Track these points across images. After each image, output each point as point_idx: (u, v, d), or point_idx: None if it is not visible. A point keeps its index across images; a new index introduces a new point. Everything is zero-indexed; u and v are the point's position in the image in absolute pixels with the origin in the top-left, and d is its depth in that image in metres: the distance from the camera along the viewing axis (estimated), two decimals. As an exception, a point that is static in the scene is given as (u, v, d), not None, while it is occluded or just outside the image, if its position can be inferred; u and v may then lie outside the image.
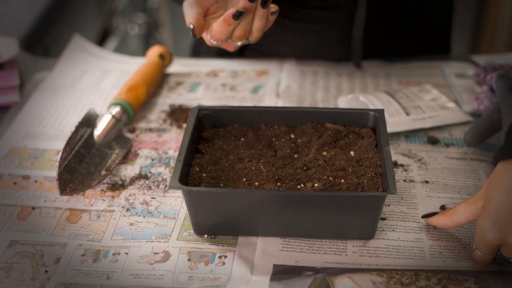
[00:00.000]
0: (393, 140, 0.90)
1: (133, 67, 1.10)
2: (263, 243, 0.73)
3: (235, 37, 0.81)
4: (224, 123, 0.83)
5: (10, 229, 0.76)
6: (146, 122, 0.97)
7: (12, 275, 0.69)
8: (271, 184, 0.72)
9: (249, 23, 0.80)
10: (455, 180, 0.83)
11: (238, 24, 0.80)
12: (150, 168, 0.86)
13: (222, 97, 1.03)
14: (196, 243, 0.73)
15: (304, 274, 0.69)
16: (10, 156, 0.89)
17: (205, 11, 0.82)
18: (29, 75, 1.10)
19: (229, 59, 1.14)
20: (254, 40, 0.83)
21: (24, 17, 1.36)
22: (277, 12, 0.82)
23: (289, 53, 1.12)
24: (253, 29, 0.81)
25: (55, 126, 0.96)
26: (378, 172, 0.73)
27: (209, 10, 0.83)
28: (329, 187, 0.72)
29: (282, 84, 1.05)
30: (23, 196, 0.82)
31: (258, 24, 0.81)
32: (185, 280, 0.69)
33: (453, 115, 0.94)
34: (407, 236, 0.74)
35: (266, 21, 0.82)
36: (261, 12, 0.80)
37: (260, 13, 0.80)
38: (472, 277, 0.67)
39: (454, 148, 0.89)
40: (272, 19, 0.83)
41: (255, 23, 0.81)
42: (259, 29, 0.82)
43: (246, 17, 0.79)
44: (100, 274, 0.70)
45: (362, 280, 0.67)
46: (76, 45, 1.17)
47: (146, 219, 0.77)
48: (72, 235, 0.75)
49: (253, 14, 0.80)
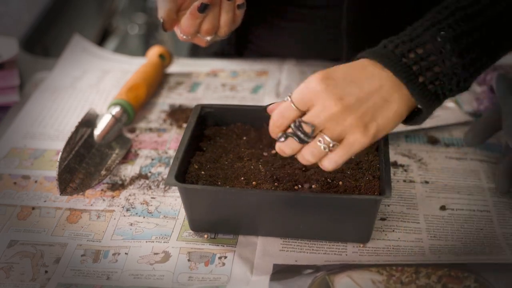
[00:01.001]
0: (393, 140, 0.90)
1: (133, 67, 1.10)
2: (263, 243, 0.73)
3: (203, 31, 0.82)
4: (227, 122, 0.84)
5: (10, 229, 0.76)
6: (146, 122, 0.97)
7: (12, 275, 0.69)
8: (268, 184, 0.72)
9: (216, 17, 0.81)
10: (455, 180, 0.83)
11: (205, 18, 0.80)
12: (150, 168, 0.86)
13: (222, 97, 1.03)
14: (196, 244, 0.73)
15: (304, 272, 0.68)
16: (10, 156, 0.89)
17: (178, 6, 0.83)
18: (29, 75, 1.10)
19: (229, 59, 1.14)
20: (223, 35, 0.83)
21: (24, 17, 1.36)
22: (243, 5, 0.82)
23: (288, 53, 1.12)
24: (221, 23, 0.82)
25: (55, 126, 0.96)
26: (376, 175, 0.73)
27: (182, 6, 0.84)
28: (327, 189, 0.72)
29: (282, 84, 1.05)
30: (23, 196, 0.82)
31: (225, 18, 0.81)
32: (185, 280, 0.69)
33: (453, 115, 0.94)
34: (407, 237, 0.74)
35: (233, 15, 0.82)
36: (227, 5, 0.81)
37: (226, 6, 0.81)
38: (472, 274, 0.67)
39: (454, 148, 0.89)
40: (240, 13, 0.83)
41: (222, 17, 0.81)
42: (227, 23, 0.82)
43: (212, 10, 0.80)
44: (100, 275, 0.70)
45: (361, 279, 0.67)
46: (76, 45, 1.17)
47: (146, 219, 0.77)
48: (72, 235, 0.75)
49: (220, 8, 0.81)
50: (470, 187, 0.81)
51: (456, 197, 0.80)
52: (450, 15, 0.69)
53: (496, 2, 0.70)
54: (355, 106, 0.64)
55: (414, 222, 0.76)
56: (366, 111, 0.65)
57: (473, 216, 0.76)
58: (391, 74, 0.66)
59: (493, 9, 0.69)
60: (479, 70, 0.69)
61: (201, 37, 0.83)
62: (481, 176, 0.83)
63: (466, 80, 0.68)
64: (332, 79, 0.65)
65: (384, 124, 0.65)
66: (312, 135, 0.65)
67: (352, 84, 0.65)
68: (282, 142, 0.66)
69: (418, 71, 0.66)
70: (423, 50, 0.66)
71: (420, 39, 0.67)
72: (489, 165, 0.85)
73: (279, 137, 0.66)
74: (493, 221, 0.75)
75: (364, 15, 1.04)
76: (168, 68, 1.09)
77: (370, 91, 0.65)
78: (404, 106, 0.66)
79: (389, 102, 0.65)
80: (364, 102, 0.65)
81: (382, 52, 0.67)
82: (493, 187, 0.81)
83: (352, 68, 0.67)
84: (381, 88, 0.65)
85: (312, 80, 0.66)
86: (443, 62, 0.66)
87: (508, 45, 0.72)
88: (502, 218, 0.76)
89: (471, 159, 0.86)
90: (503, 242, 0.72)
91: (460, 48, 0.67)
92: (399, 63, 0.66)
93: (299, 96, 0.66)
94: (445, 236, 0.74)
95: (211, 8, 0.80)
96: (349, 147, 0.65)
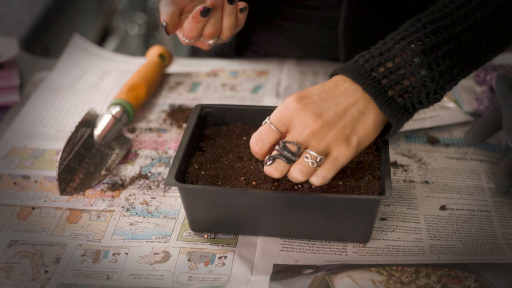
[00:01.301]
0: (393, 140, 0.90)
1: (133, 67, 1.10)
2: (263, 243, 0.73)
3: (205, 35, 0.82)
4: (227, 122, 0.84)
5: (10, 229, 0.76)
6: (146, 122, 0.97)
7: (12, 275, 0.69)
8: (268, 184, 0.72)
9: (218, 21, 0.81)
10: (455, 180, 0.83)
11: (208, 22, 0.80)
12: (150, 168, 0.86)
13: (222, 97, 1.03)
14: (196, 244, 0.73)
15: (304, 272, 0.68)
16: (10, 156, 0.89)
17: (181, 10, 0.83)
18: (29, 75, 1.10)
19: (229, 59, 1.14)
20: (226, 38, 0.83)
21: (24, 17, 1.36)
22: (246, 9, 0.83)
23: (288, 53, 1.12)
24: (223, 27, 0.82)
25: (55, 126, 0.96)
26: (376, 175, 0.73)
27: (185, 9, 0.84)
28: (327, 189, 0.72)
29: (282, 84, 1.05)
30: (23, 196, 0.82)
31: (228, 21, 0.81)
32: (185, 280, 0.69)
33: (453, 115, 0.94)
34: (407, 237, 0.74)
35: (236, 19, 0.82)
36: (229, 9, 0.81)
37: (228, 10, 0.81)
38: (472, 274, 0.67)
39: (454, 148, 0.89)
40: (242, 17, 0.83)
41: (225, 21, 0.81)
42: (229, 27, 0.82)
43: (214, 14, 0.80)
44: (100, 275, 0.70)
45: (361, 279, 0.67)
46: (76, 45, 1.18)
47: (146, 219, 0.77)
48: (72, 235, 0.75)
49: (222, 12, 0.81)
50: (470, 187, 0.81)
51: (456, 197, 0.80)
52: (421, 28, 0.70)
53: (471, 14, 0.71)
54: (334, 120, 0.67)
55: (414, 222, 0.76)
56: (345, 125, 0.67)
57: (473, 216, 0.76)
58: (360, 88, 0.68)
59: (466, 22, 0.71)
60: (449, 83, 0.71)
61: (204, 40, 0.83)
62: (481, 176, 0.83)
63: (436, 92, 0.69)
64: (308, 98, 0.68)
65: (364, 136, 0.68)
66: (298, 153, 0.66)
67: (328, 100, 0.68)
68: (269, 165, 0.67)
69: (387, 85, 0.68)
70: (393, 64, 0.68)
71: (390, 53, 0.69)
72: (489, 165, 0.85)
73: (266, 161, 0.68)
74: (493, 221, 0.75)
75: (362, 16, 1.04)
76: (168, 68, 1.09)
77: (346, 106, 0.67)
78: (379, 117, 0.68)
79: (366, 114, 0.68)
80: (342, 116, 0.67)
81: (353, 67, 0.69)
82: (493, 187, 0.81)
83: (326, 86, 0.69)
84: (356, 102, 0.68)
85: (289, 100, 0.68)
86: (412, 75, 0.68)
87: (479, 57, 0.72)
88: (502, 218, 0.76)
89: (471, 159, 0.86)
90: (503, 242, 0.73)
91: (429, 61, 0.68)
92: (368, 78, 0.68)
93: (278, 117, 0.68)
94: (445, 236, 0.74)
95: (214, 11, 0.79)
96: (334, 161, 0.66)
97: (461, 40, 0.70)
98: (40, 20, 1.38)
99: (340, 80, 0.69)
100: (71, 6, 1.65)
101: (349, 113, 0.67)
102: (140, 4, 2.28)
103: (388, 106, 0.67)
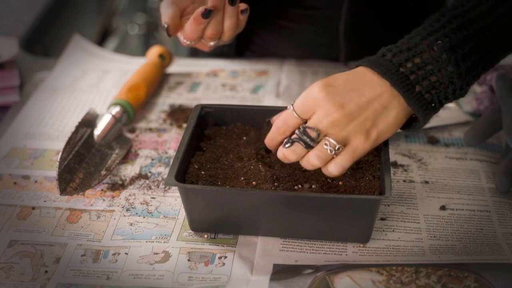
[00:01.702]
0: (393, 140, 0.90)
1: (133, 67, 1.10)
2: (263, 243, 0.73)
3: (207, 37, 0.82)
4: (227, 122, 0.84)
5: (10, 229, 0.76)
6: (146, 122, 0.97)
7: (12, 275, 0.69)
8: (268, 184, 0.72)
9: (219, 22, 0.81)
10: (455, 180, 0.83)
11: (209, 23, 0.80)
12: (150, 168, 0.86)
13: (222, 97, 1.03)
14: (196, 244, 0.73)
15: (304, 272, 0.68)
16: (10, 156, 0.89)
17: (182, 11, 0.83)
18: (29, 75, 1.10)
19: (229, 59, 1.14)
20: (227, 40, 0.84)
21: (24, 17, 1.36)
22: (247, 10, 0.83)
23: (288, 53, 1.12)
24: (224, 28, 0.82)
25: (55, 126, 0.96)
26: (376, 175, 0.73)
27: (186, 11, 0.84)
28: (327, 189, 0.72)
29: (282, 84, 1.05)
30: (23, 196, 0.82)
31: (229, 23, 0.81)
32: (185, 280, 0.69)
33: (453, 115, 0.94)
34: (407, 237, 0.74)
35: (237, 20, 0.82)
36: (230, 10, 0.81)
37: (229, 11, 0.81)
38: (472, 274, 0.67)
39: (454, 148, 0.89)
40: (243, 18, 0.83)
41: (226, 22, 0.82)
42: (231, 28, 0.82)
43: (216, 16, 0.80)
44: (100, 275, 0.70)
45: (361, 279, 0.67)
46: (76, 45, 1.18)
47: (146, 219, 0.77)
48: (72, 235, 0.75)
49: (223, 13, 0.81)
50: (470, 187, 0.81)
51: (456, 197, 0.80)
52: (447, 23, 0.70)
53: (494, 8, 0.71)
54: (356, 113, 0.67)
55: (414, 222, 0.76)
56: (367, 118, 0.67)
57: (473, 216, 0.76)
58: (388, 83, 0.68)
59: (490, 16, 0.71)
60: (474, 78, 0.71)
61: (205, 42, 0.83)
62: (481, 176, 0.83)
63: (462, 88, 0.70)
64: (333, 87, 0.68)
65: (384, 130, 0.68)
66: (317, 139, 0.67)
67: (352, 91, 0.68)
68: (287, 148, 0.68)
69: (415, 81, 0.68)
70: (420, 59, 0.68)
71: (417, 48, 0.69)
72: (489, 165, 0.85)
73: (284, 143, 0.68)
74: (493, 221, 0.75)
75: (363, 16, 1.04)
76: (168, 68, 1.09)
77: (370, 99, 0.68)
78: (402, 112, 0.69)
79: (389, 109, 0.68)
80: (365, 109, 0.67)
81: (380, 61, 0.69)
82: (493, 187, 0.81)
83: (352, 76, 0.69)
84: (380, 96, 0.68)
85: (313, 88, 0.68)
86: (439, 71, 0.68)
87: (503, 51, 0.73)
88: (502, 218, 0.76)
89: (471, 159, 0.86)
90: (503, 242, 0.73)
91: (456, 57, 0.68)
92: (396, 73, 0.68)
93: (301, 104, 0.69)
94: (445, 236, 0.74)
95: (215, 13, 0.79)
96: (353, 152, 0.67)
97: (485, 35, 0.70)
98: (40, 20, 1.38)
99: (366, 72, 0.69)
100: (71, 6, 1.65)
101: (372, 106, 0.68)
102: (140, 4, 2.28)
103: (416, 101, 0.68)
